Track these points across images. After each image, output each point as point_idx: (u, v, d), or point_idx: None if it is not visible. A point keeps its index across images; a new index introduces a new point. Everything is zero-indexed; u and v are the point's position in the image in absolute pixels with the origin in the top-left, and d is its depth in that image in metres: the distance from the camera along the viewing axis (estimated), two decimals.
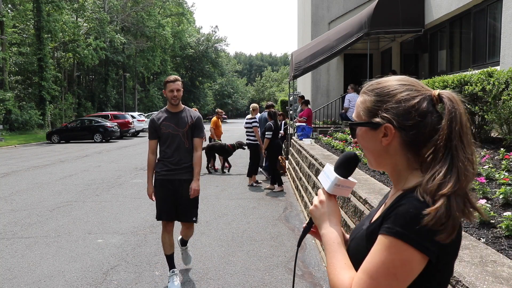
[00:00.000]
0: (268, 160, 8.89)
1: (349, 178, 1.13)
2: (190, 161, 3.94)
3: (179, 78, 3.97)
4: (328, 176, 1.13)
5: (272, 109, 9.36)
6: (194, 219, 4.02)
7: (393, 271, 0.89)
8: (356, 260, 1.01)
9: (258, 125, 9.49)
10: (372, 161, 1.09)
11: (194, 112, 4.09)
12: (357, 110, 1.09)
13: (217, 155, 11.44)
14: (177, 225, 4.27)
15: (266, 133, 8.71)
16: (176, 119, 3.92)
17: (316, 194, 1.20)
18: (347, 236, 1.21)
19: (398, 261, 0.89)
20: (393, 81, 1.04)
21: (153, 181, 3.99)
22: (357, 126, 1.07)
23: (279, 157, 8.98)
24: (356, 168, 1.33)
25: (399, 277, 0.89)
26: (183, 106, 4.05)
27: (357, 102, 1.11)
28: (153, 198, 3.97)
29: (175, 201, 3.93)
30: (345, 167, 1.12)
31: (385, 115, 1.01)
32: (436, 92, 1.01)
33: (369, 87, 1.08)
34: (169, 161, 3.91)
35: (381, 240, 0.92)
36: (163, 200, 3.93)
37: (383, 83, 1.05)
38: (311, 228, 1.23)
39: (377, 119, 1.02)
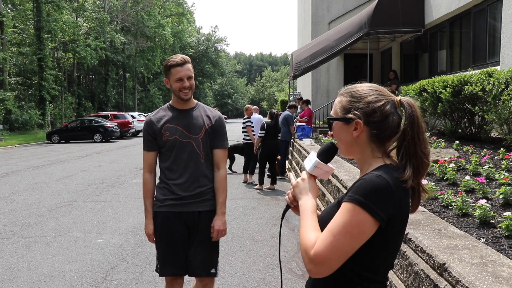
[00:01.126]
0: (259, 160, 8.94)
1: (328, 164, 1.34)
2: (208, 183, 2.65)
3: (189, 59, 2.65)
4: (310, 160, 1.36)
5: (274, 110, 9.51)
6: (213, 271, 2.69)
7: (350, 230, 1.11)
8: (325, 224, 1.20)
9: (252, 124, 9.69)
10: (344, 150, 1.32)
11: (213, 110, 2.77)
12: (335, 108, 1.32)
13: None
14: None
15: (259, 131, 8.82)
16: (187, 120, 2.62)
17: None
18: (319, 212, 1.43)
19: (354, 222, 1.11)
20: (365, 87, 1.28)
21: (153, 214, 2.70)
22: (334, 121, 1.31)
23: (276, 161, 9.06)
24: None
25: (354, 235, 1.11)
26: (195, 101, 2.74)
27: (335, 102, 1.33)
28: (154, 239, 2.70)
29: (186, 246, 2.65)
30: (325, 154, 1.34)
31: (356, 112, 1.24)
32: (398, 98, 1.25)
33: (345, 90, 1.31)
34: (177, 184, 2.60)
35: (343, 206, 1.14)
36: (168, 246, 2.63)
37: (357, 87, 1.29)
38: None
39: (350, 115, 1.25)
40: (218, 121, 2.70)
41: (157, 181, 2.76)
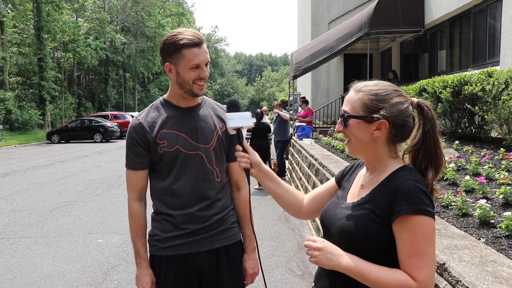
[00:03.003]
0: None
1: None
2: (227, 207, 1.91)
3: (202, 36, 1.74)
4: (232, 120, 1.52)
5: (259, 109, 9.59)
6: None
7: (430, 239, 1.13)
8: (352, 236, 1.19)
9: None
10: (357, 148, 1.28)
11: (223, 107, 1.90)
12: (353, 105, 1.25)
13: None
14: None
15: (246, 133, 8.89)
16: (192, 123, 1.80)
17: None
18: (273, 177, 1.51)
19: (429, 230, 1.13)
20: (387, 86, 1.25)
21: (149, 258, 1.92)
22: (355, 119, 1.24)
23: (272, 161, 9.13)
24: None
25: (433, 241, 1.14)
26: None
27: (351, 97, 1.27)
28: None
29: None
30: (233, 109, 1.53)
31: (383, 113, 1.20)
32: (415, 100, 1.25)
33: (365, 87, 1.25)
34: (184, 215, 1.80)
35: (405, 222, 1.13)
36: None
37: (379, 85, 1.25)
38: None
39: (376, 115, 1.21)
40: None
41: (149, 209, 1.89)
